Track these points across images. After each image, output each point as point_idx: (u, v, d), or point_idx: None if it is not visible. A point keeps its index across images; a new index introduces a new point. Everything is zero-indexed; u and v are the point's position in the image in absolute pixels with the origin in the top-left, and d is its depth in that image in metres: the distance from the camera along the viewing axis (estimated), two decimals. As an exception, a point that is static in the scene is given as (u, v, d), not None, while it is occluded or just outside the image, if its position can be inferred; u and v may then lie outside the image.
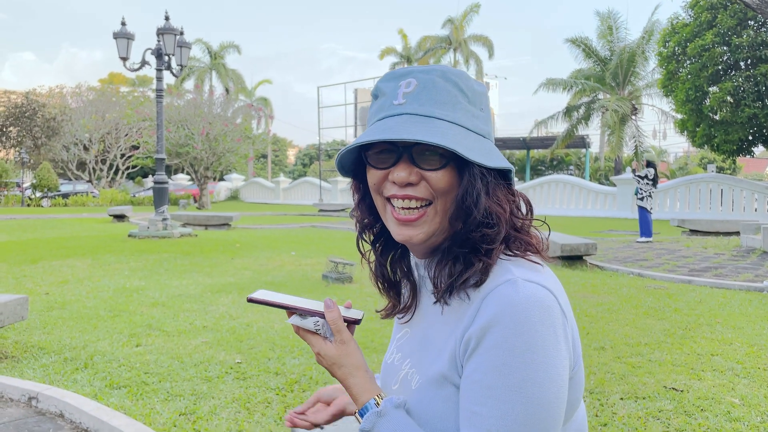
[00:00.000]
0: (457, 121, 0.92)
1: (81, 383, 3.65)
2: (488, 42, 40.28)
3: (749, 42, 19.30)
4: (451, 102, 0.93)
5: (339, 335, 0.98)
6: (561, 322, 0.88)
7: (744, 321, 5.34)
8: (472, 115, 0.94)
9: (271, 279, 7.49)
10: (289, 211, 26.87)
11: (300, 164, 61.27)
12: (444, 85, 0.93)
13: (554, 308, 0.87)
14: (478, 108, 0.96)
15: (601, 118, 30.01)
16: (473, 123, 0.94)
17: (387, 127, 0.91)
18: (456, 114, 0.92)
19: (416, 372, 0.98)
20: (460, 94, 0.94)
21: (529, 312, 0.84)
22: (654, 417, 3.15)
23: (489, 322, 0.85)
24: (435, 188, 0.92)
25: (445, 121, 0.91)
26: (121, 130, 36.09)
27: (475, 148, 0.91)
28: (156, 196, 13.34)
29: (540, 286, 0.88)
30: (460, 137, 0.90)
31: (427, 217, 0.94)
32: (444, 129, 0.90)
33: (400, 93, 0.93)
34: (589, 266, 8.64)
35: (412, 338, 1.05)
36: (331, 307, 0.98)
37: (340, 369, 0.98)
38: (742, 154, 22.48)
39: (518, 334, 0.84)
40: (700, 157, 48.81)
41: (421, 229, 0.94)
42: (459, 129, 0.92)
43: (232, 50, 46.81)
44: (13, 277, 7.50)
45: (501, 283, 0.88)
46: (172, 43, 13.20)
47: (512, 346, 0.84)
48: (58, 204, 29.87)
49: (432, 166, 0.92)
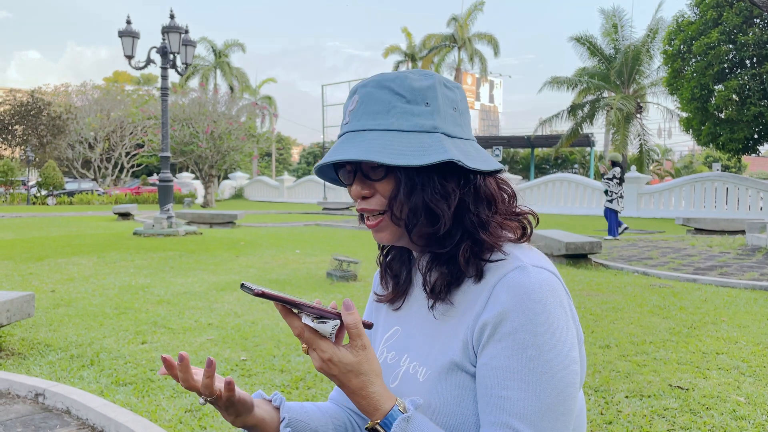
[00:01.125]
0: (389, 126, 0.94)
1: (87, 380, 3.67)
2: (493, 40, 40.18)
3: (755, 40, 19.23)
4: (383, 110, 0.95)
5: (359, 340, 0.90)
6: (568, 303, 0.92)
7: (749, 320, 5.32)
8: (411, 114, 0.94)
9: (276, 277, 7.51)
10: (294, 210, 26.90)
11: (304, 163, 61.31)
12: (378, 94, 0.95)
13: (562, 292, 0.91)
14: (421, 104, 0.95)
15: (605, 117, 29.93)
16: (411, 122, 0.94)
17: (331, 150, 0.96)
18: (389, 120, 0.94)
19: (421, 364, 0.98)
20: (395, 97, 0.95)
21: (544, 296, 0.88)
22: (659, 415, 3.15)
23: (505, 309, 0.88)
24: (385, 197, 0.96)
25: (376, 131, 0.94)
26: (126, 129, 36.18)
27: (404, 150, 0.91)
28: (161, 195, 13.38)
29: (548, 271, 0.91)
30: (388, 144, 0.92)
31: (385, 224, 0.98)
32: (371, 140, 0.92)
33: (347, 112, 0.99)
34: (593, 265, 8.63)
35: (405, 334, 1.05)
36: (351, 309, 0.90)
37: (358, 377, 0.89)
38: (748, 153, 22.41)
39: (537, 318, 0.87)
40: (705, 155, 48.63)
41: (384, 233, 0.99)
42: (391, 135, 0.93)
43: (237, 48, 46.84)
44: (19, 274, 7.53)
45: (511, 270, 0.90)
46: (177, 41, 13.21)
47: (533, 330, 0.87)
48: (63, 202, 29.96)
49: (377, 176, 0.96)
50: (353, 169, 0.98)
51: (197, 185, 35.62)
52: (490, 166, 0.96)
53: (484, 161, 0.96)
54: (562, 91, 33.72)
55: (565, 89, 30.68)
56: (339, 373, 0.90)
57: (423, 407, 0.94)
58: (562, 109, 30.72)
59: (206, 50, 45.64)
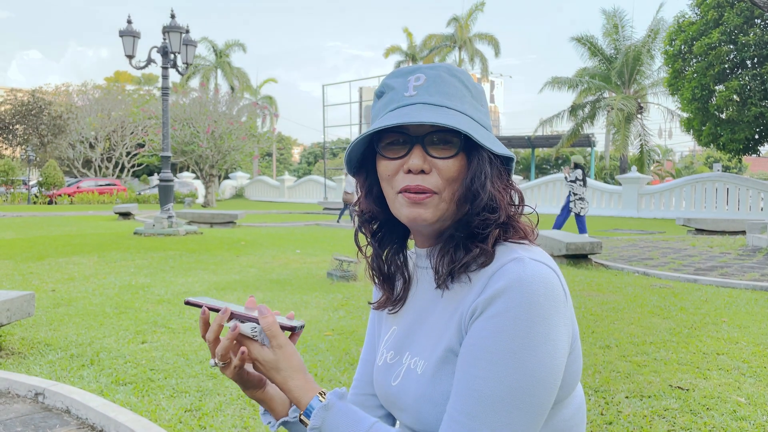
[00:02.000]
0: (465, 111, 0.97)
1: (87, 379, 3.66)
2: (494, 40, 40.18)
3: (756, 40, 19.22)
4: (458, 95, 0.98)
5: (275, 340, 0.95)
6: (563, 301, 0.91)
7: (750, 320, 5.32)
8: (476, 109, 0.99)
9: (276, 277, 7.51)
10: (294, 210, 26.90)
11: (305, 162, 61.34)
12: (451, 80, 0.98)
13: (558, 287, 0.91)
14: (480, 104, 1.01)
15: (606, 117, 29.91)
16: (478, 116, 0.99)
17: (402, 114, 0.94)
18: (464, 106, 0.98)
19: (421, 358, 1.00)
20: (464, 88, 0.99)
21: (535, 287, 0.88)
22: (659, 416, 3.14)
23: (496, 293, 0.89)
24: (445, 177, 0.96)
25: (455, 110, 0.96)
26: (127, 128, 36.20)
27: (485, 137, 0.96)
28: (161, 194, 13.38)
29: (545, 266, 0.92)
30: (473, 124, 0.96)
31: (433, 201, 0.97)
32: (456, 117, 0.94)
33: (411, 86, 0.98)
34: (594, 265, 8.62)
35: (403, 333, 1.07)
36: (265, 314, 0.96)
37: (279, 373, 0.96)
38: (749, 153, 22.38)
39: (522, 306, 0.87)
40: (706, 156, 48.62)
41: (428, 209, 0.97)
42: (468, 119, 0.96)
43: (238, 48, 46.84)
44: (19, 273, 7.53)
45: (508, 261, 0.91)
46: (178, 41, 13.21)
47: (515, 315, 0.87)
48: (64, 201, 29.96)
49: (443, 154, 0.96)
50: (411, 142, 0.96)
51: (198, 185, 35.64)
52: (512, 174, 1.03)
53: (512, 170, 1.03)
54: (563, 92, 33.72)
55: (566, 89, 30.67)
56: (266, 371, 0.97)
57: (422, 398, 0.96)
58: (563, 110, 30.74)
59: (207, 50, 45.66)
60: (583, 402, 1.04)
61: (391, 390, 1.05)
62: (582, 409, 1.03)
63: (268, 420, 1.08)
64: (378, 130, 0.96)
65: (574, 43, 30.73)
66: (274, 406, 1.06)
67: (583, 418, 1.03)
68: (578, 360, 0.98)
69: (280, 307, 5.66)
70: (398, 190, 0.98)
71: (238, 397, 3.36)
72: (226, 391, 3.45)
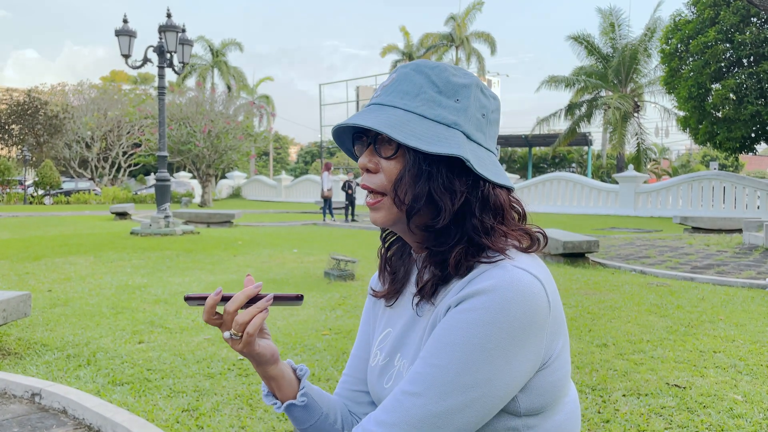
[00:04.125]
0: (413, 109, 0.94)
1: (84, 380, 3.66)
2: (490, 39, 40.21)
3: (752, 39, 19.26)
4: (413, 92, 0.95)
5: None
6: (543, 315, 0.87)
7: (746, 318, 5.33)
8: (437, 104, 0.94)
9: (273, 276, 7.50)
10: (291, 209, 26.88)
11: (302, 162, 61.28)
12: (414, 77, 0.96)
13: (539, 299, 0.86)
14: (451, 99, 0.95)
15: (603, 116, 29.98)
16: (435, 112, 0.94)
17: (352, 116, 0.96)
18: (414, 103, 0.94)
19: (409, 362, 0.99)
20: (428, 84, 0.95)
21: (510, 294, 0.84)
22: (656, 414, 3.15)
23: (473, 292, 0.86)
24: (388, 177, 0.95)
25: (399, 109, 0.94)
26: (123, 128, 36.12)
27: (422, 134, 0.91)
28: (158, 194, 13.36)
29: (528, 273, 0.87)
30: (407, 123, 0.92)
31: (384, 204, 0.96)
32: (391, 115, 0.93)
33: (380, 86, 0.99)
34: (591, 263, 8.63)
35: (396, 335, 1.06)
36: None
37: None
38: (745, 152, 22.44)
39: (495, 311, 0.84)
40: (702, 154, 48.74)
41: (380, 214, 0.97)
42: (412, 116, 0.93)
43: (234, 47, 46.83)
44: (15, 274, 7.51)
45: (491, 267, 0.89)
46: (174, 40, 13.19)
47: (480, 316, 0.84)
48: (61, 202, 29.90)
49: (385, 154, 0.95)
50: (369, 141, 0.98)
51: (195, 184, 35.58)
52: (500, 179, 0.95)
53: (496, 173, 0.95)
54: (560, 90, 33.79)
55: (563, 88, 30.74)
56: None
57: None
58: (560, 108, 30.78)
59: (203, 49, 45.60)
60: (576, 407, 1.02)
61: (384, 392, 1.04)
62: (575, 414, 1.01)
63: (272, 401, 1.08)
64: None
65: (571, 42, 30.78)
66: (283, 386, 1.06)
67: (577, 423, 1.02)
68: (566, 365, 0.95)
69: (277, 306, 5.64)
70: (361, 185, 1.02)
71: (235, 397, 3.36)
72: (224, 391, 3.45)
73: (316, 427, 1.09)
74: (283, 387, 1.06)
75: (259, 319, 0.98)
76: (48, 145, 33.53)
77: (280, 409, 1.07)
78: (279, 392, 1.06)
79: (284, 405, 1.06)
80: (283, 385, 1.06)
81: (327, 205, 19.03)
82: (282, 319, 5.17)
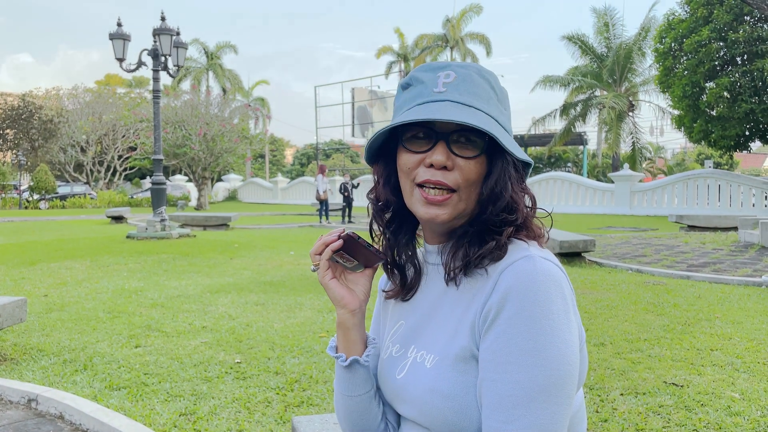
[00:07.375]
0: (491, 113, 0.99)
1: (80, 385, 3.64)
2: (485, 40, 40.25)
3: (746, 37, 19.32)
4: (486, 96, 1.00)
5: None
6: (571, 297, 0.94)
7: (743, 316, 5.34)
8: (500, 112, 1.01)
9: (270, 279, 7.49)
10: (288, 211, 26.86)
11: (298, 164, 61.18)
12: (480, 81, 1.00)
13: (564, 284, 0.94)
14: (504, 107, 1.03)
15: (598, 115, 30.03)
16: (502, 119, 1.01)
17: (432, 110, 0.96)
18: (490, 108, 1.00)
19: (429, 352, 1.02)
20: (491, 90, 1.01)
21: (546, 284, 0.90)
22: (654, 412, 3.15)
23: (507, 293, 0.91)
24: (465, 177, 0.98)
25: (482, 111, 0.98)
26: (118, 132, 36.07)
27: (509, 141, 0.98)
28: (154, 197, 13.33)
29: (554, 264, 0.95)
30: (500, 130, 0.98)
31: (452, 201, 0.99)
32: (483, 118, 0.96)
33: (440, 82, 1.00)
34: (587, 263, 8.65)
35: (410, 327, 1.09)
36: None
37: None
38: (739, 150, 22.52)
39: (536, 303, 0.89)
40: (697, 152, 48.85)
41: (446, 210, 0.99)
42: (493, 121, 0.98)
43: (229, 50, 46.74)
44: (11, 279, 7.48)
45: (518, 259, 0.94)
46: (169, 43, 13.17)
47: (531, 314, 0.89)
48: (56, 206, 29.81)
49: (466, 154, 0.98)
50: (435, 138, 0.98)
51: (190, 188, 35.52)
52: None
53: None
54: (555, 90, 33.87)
55: (558, 88, 30.81)
56: None
57: (432, 392, 0.98)
58: (555, 108, 30.84)
59: (198, 52, 45.55)
60: (583, 401, 1.07)
61: (396, 383, 1.06)
62: (583, 407, 1.06)
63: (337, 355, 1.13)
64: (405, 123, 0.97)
65: (566, 42, 30.84)
66: (350, 339, 1.11)
67: (584, 417, 1.06)
68: (584, 360, 1.00)
69: (275, 309, 5.65)
70: (418, 182, 1.00)
71: (232, 401, 3.35)
72: (221, 395, 3.44)
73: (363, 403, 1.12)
74: (350, 340, 1.11)
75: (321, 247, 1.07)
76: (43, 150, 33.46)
77: (345, 362, 1.10)
78: (345, 347, 1.11)
79: (349, 359, 1.10)
80: (350, 339, 1.10)
81: (323, 208, 19.10)
82: (279, 321, 5.16)
